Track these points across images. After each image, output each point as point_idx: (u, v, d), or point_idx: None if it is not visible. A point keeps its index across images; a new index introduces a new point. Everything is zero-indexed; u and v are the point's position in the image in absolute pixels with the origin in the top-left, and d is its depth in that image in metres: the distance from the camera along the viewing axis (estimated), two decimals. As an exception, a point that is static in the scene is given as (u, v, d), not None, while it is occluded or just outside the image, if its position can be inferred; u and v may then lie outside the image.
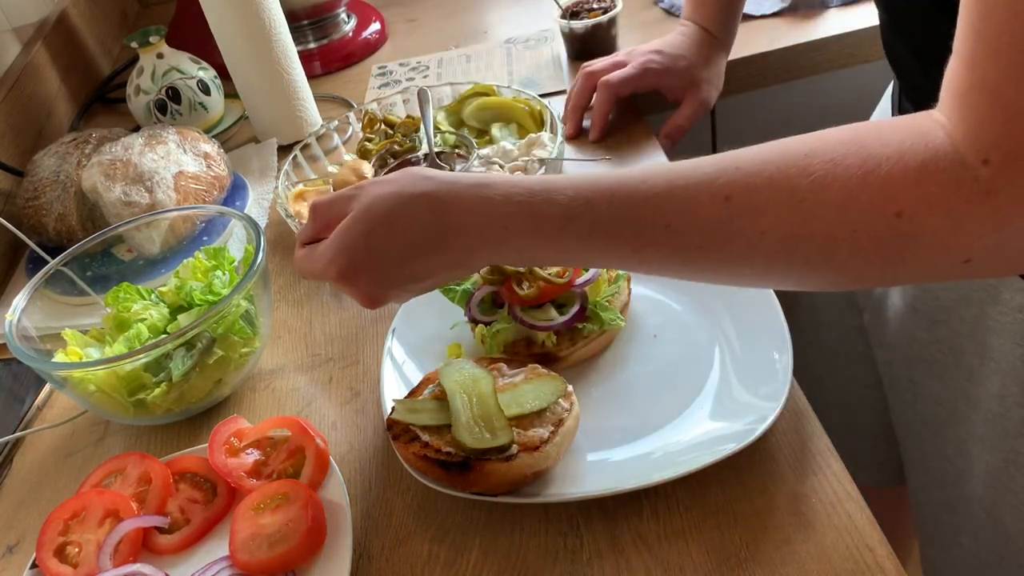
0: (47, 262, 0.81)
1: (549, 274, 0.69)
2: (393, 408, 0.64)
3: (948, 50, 0.40)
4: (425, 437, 0.60)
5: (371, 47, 1.36)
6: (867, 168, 0.41)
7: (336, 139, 1.07)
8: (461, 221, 0.52)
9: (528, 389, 0.62)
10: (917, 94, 0.67)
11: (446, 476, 0.59)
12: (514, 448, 0.57)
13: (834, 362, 0.96)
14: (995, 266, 0.42)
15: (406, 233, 0.53)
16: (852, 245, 0.42)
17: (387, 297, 0.57)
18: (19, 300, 0.76)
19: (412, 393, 0.66)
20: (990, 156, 0.37)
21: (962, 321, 0.68)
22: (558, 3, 1.17)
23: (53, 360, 0.74)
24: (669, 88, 0.99)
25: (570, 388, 0.62)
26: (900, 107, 0.73)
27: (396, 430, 0.62)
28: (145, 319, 0.77)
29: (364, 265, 0.54)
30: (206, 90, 1.15)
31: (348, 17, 1.40)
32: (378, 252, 0.54)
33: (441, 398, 0.63)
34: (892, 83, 0.79)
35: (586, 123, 1.02)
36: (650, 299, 0.75)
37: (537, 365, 0.65)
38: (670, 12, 1.24)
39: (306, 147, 1.03)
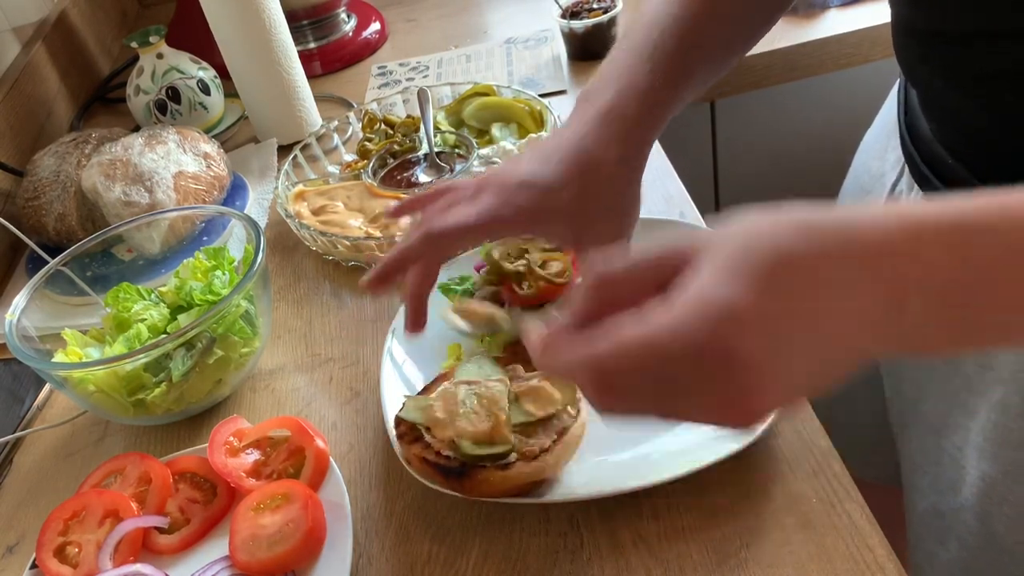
0: (47, 262, 0.81)
1: (549, 274, 0.69)
2: (403, 405, 0.64)
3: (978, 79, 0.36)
4: (428, 437, 0.60)
5: (371, 47, 1.36)
6: None
7: (336, 139, 1.07)
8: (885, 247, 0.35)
9: (539, 394, 0.61)
10: (937, 105, 0.66)
11: (444, 481, 0.59)
12: (512, 456, 0.57)
13: None
14: None
15: (823, 283, 0.34)
16: None
17: (797, 392, 0.37)
18: (19, 300, 0.76)
19: (426, 390, 0.66)
20: None
21: None
22: (558, 3, 1.17)
23: (53, 360, 0.74)
24: (548, 235, 0.62)
25: (579, 395, 0.62)
26: (906, 107, 0.73)
27: (402, 428, 0.62)
28: (145, 319, 0.77)
29: (769, 335, 0.34)
30: (206, 90, 1.15)
31: (348, 17, 1.40)
32: (790, 312, 0.34)
33: (452, 397, 0.62)
34: (898, 82, 0.78)
35: None
36: (650, 299, 0.75)
37: None
38: (670, 12, 1.24)
39: (306, 147, 1.03)
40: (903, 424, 0.81)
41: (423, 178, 0.95)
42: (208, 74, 1.17)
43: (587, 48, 1.16)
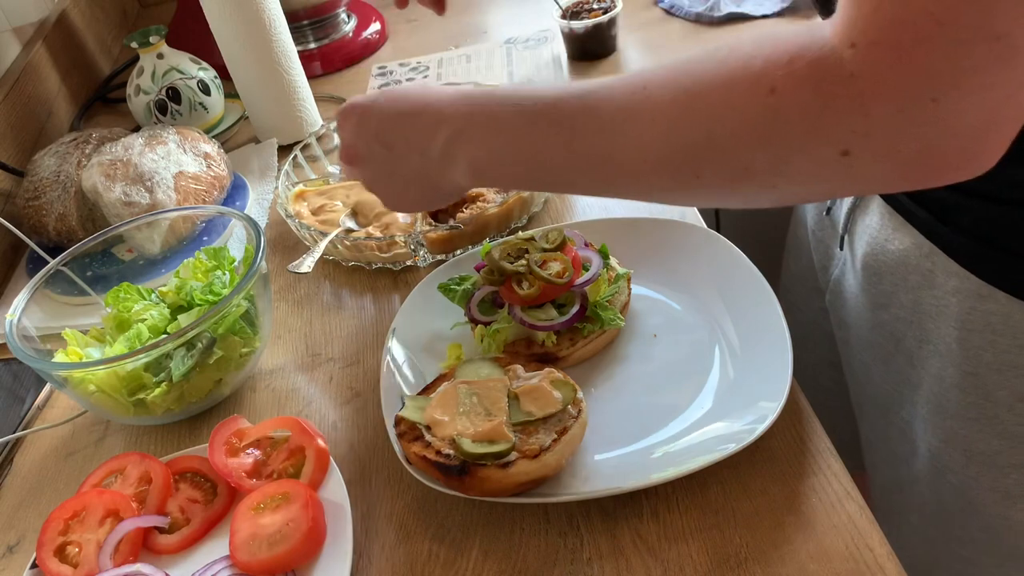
0: (47, 262, 0.81)
1: (549, 274, 0.69)
2: (403, 404, 0.64)
3: None
4: (428, 436, 0.60)
5: (371, 47, 1.36)
6: (754, 53, 0.44)
7: (336, 139, 1.07)
8: (438, 99, 0.60)
9: (539, 394, 0.62)
10: None
11: (445, 479, 0.59)
12: (512, 455, 0.57)
13: (804, 343, 0.97)
14: (876, 165, 0.42)
15: (398, 101, 0.62)
16: (732, 124, 0.44)
17: (359, 151, 0.65)
18: (19, 300, 0.76)
19: (426, 390, 0.66)
20: (857, 41, 0.40)
21: (901, 306, 0.69)
22: (558, 3, 1.17)
23: (53, 360, 0.74)
24: None
25: (580, 395, 0.62)
26: None
27: (402, 427, 0.62)
28: (145, 319, 0.77)
29: (359, 112, 0.64)
30: (206, 90, 1.15)
31: (348, 17, 1.40)
32: (376, 108, 0.63)
33: (452, 397, 0.63)
34: None
35: None
36: (650, 299, 0.75)
37: (553, 370, 0.65)
38: (670, 12, 1.24)
39: (306, 147, 1.03)
40: (860, 403, 0.83)
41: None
42: (208, 74, 1.17)
43: (587, 48, 1.16)
